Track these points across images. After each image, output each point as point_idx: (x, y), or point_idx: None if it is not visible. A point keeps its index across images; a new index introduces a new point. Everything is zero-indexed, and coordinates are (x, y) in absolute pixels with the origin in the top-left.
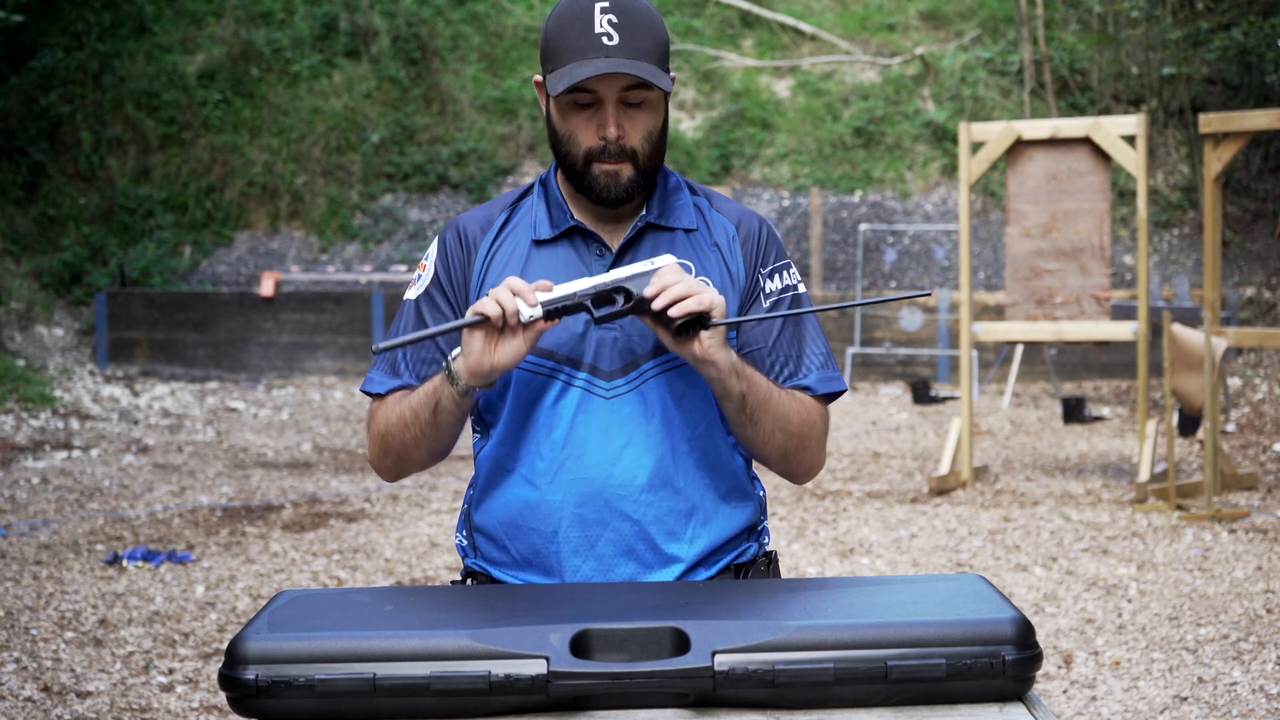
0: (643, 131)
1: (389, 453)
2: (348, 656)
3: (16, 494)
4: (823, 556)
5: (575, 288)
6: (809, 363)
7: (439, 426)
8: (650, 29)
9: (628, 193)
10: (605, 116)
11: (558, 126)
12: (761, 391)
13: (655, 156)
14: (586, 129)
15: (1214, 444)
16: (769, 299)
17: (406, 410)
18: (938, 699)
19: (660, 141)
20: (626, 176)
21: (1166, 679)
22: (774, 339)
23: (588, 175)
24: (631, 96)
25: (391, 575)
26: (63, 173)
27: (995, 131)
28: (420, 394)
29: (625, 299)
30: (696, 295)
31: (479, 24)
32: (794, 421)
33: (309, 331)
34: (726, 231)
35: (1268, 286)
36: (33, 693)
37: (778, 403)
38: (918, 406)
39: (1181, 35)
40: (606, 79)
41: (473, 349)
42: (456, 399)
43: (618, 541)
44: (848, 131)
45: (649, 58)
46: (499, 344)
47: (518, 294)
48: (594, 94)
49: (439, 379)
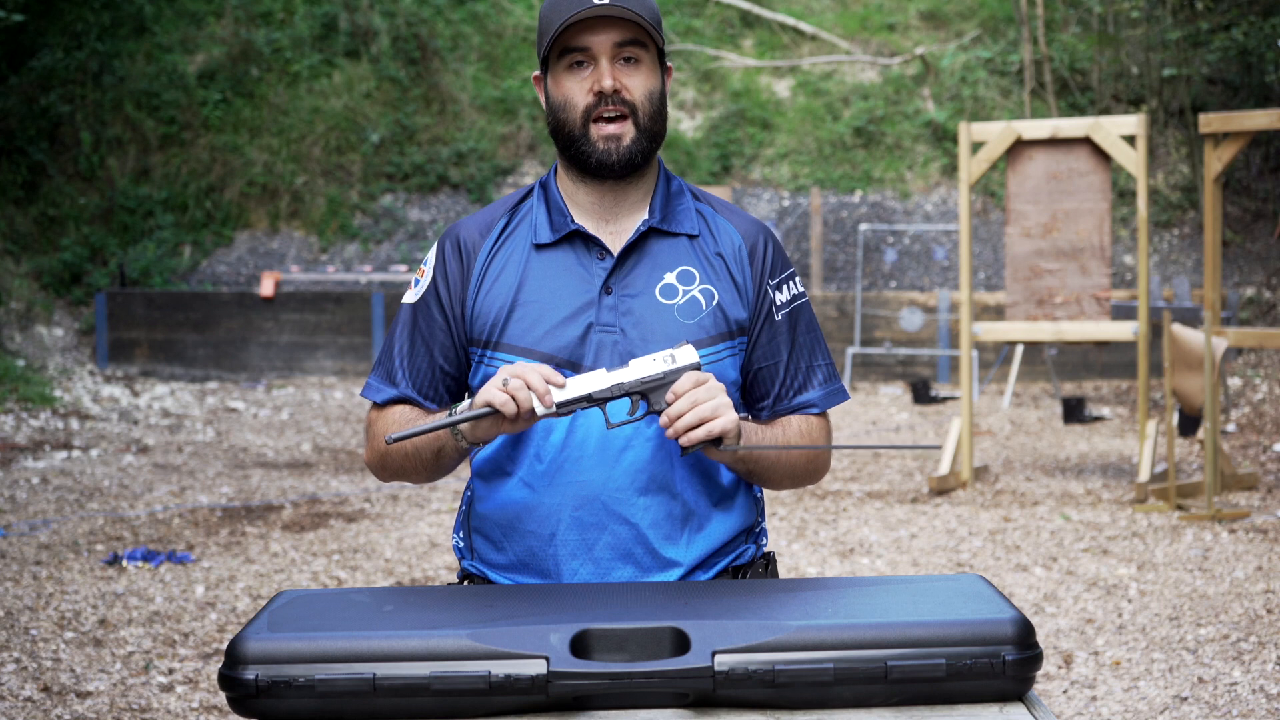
0: (643, 89)
1: (388, 470)
2: (348, 656)
3: (16, 494)
4: (823, 556)
5: (591, 385)
6: (815, 378)
7: (439, 465)
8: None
9: (629, 156)
10: (600, 70)
11: (554, 97)
12: (767, 461)
13: (656, 120)
14: (581, 88)
15: (1214, 444)
16: (780, 311)
17: (408, 445)
18: (938, 699)
19: (661, 106)
20: (629, 138)
21: (1167, 679)
22: (788, 355)
23: (586, 140)
24: (627, 52)
25: (391, 575)
26: (63, 173)
27: (995, 131)
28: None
29: (641, 400)
30: (707, 425)
31: (479, 24)
32: (801, 465)
33: (309, 331)
34: (733, 242)
35: (1268, 286)
36: (33, 693)
37: (785, 461)
38: (918, 406)
39: (1181, 35)
40: (599, 30)
41: (482, 426)
42: (461, 450)
43: (615, 545)
44: (848, 131)
45: (642, 15)
46: (508, 425)
47: (533, 389)
48: (588, 51)
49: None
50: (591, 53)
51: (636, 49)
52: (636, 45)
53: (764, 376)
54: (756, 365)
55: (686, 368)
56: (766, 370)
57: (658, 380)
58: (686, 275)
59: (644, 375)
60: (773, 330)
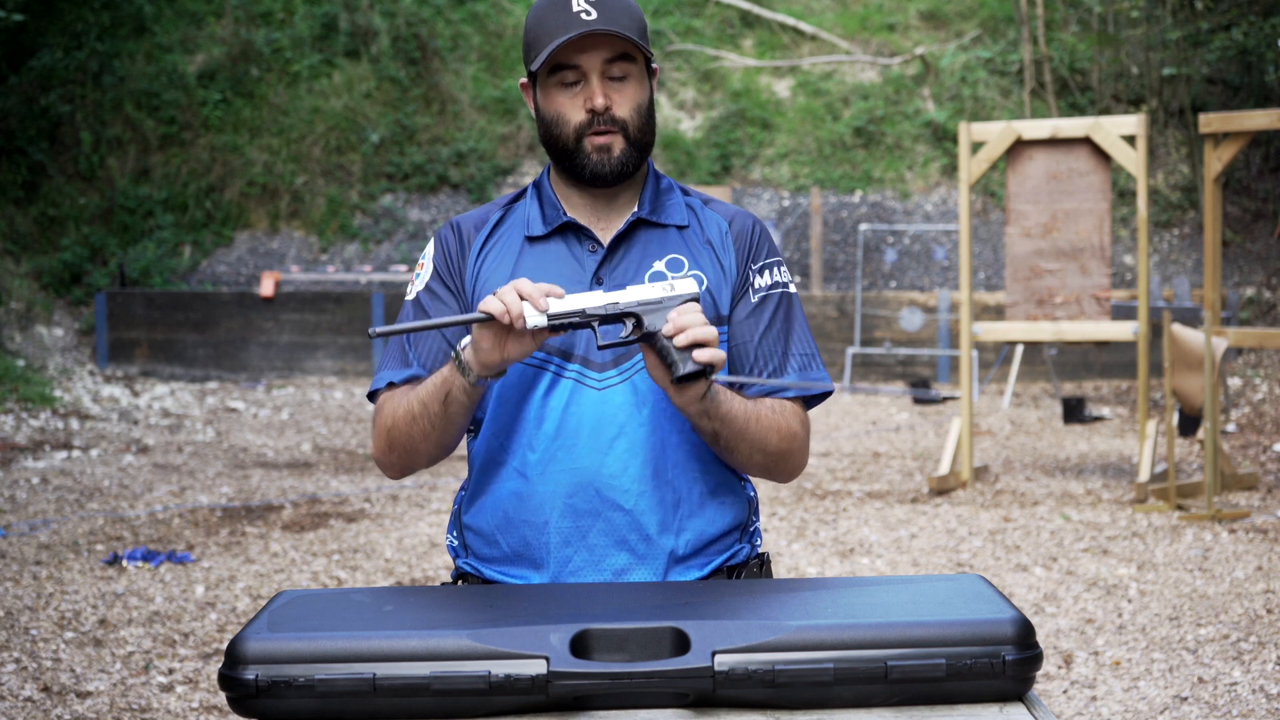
0: (631, 103)
1: (395, 447)
2: (348, 656)
3: (16, 494)
4: (823, 556)
5: (587, 302)
6: (792, 363)
7: (448, 418)
8: (627, 8)
9: (621, 166)
10: (591, 89)
11: (545, 111)
12: (737, 424)
13: (646, 131)
14: (573, 105)
15: (1214, 444)
16: (757, 294)
17: (415, 403)
18: (938, 699)
19: (649, 117)
20: (619, 149)
21: (1166, 679)
22: (759, 336)
23: (579, 154)
24: (616, 69)
25: (391, 575)
26: (63, 173)
27: (995, 131)
28: (429, 386)
29: (636, 324)
30: (711, 350)
31: (479, 24)
32: (773, 442)
33: (309, 331)
34: (720, 228)
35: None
36: (33, 693)
37: (755, 430)
38: (918, 406)
39: (1181, 35)
40: (588, 50)
41: (482, 345)
42: (467, 389)
43: (609, 532)
44: (848, 131)
45: (629, 32)
46: (508, 341)
47: (526, 298)
48: (578, 69)
49: (448, 370)
50: (582, 69)
51: (625, 64)
52: (625, 60)
53: (734, 355)
54: (731, 344)
55: (687, 297)
56: (738, 349)
57: (655, 304)
58: (675, 263)
59: (641, 298)
60: (747, 309)
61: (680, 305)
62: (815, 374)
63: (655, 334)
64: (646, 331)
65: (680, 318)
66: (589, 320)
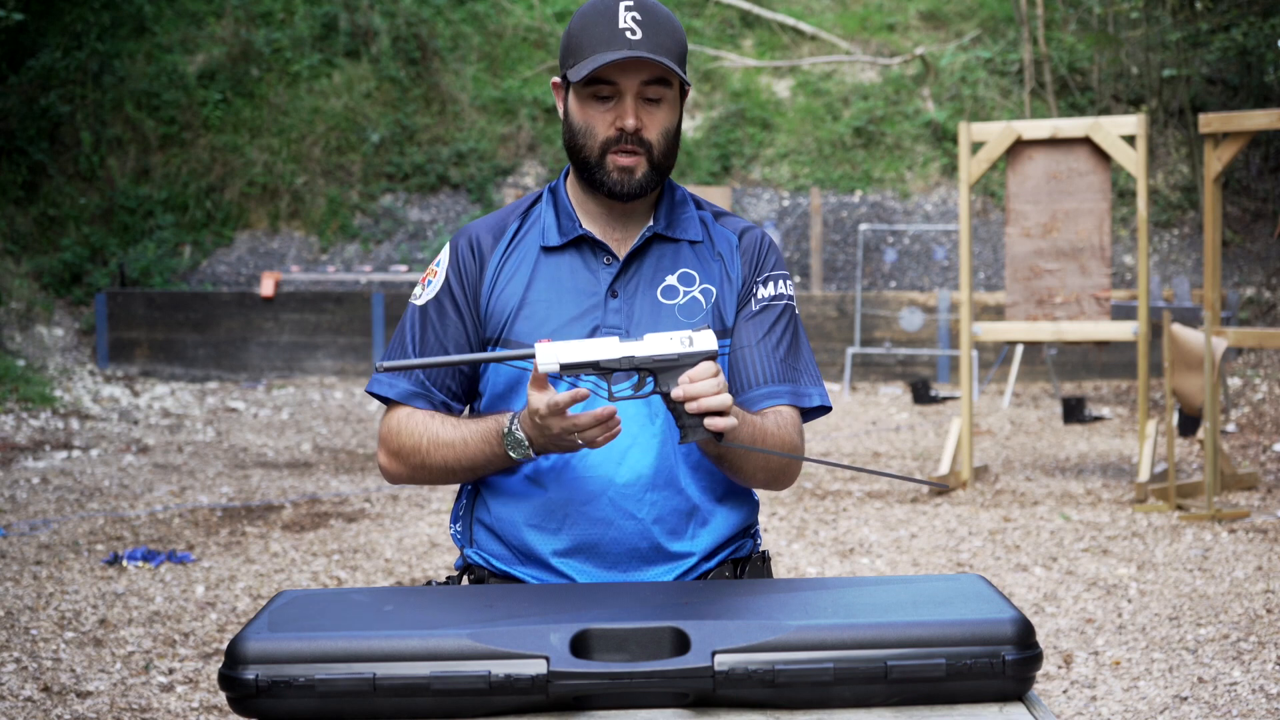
0: (660, 127)
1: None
2: (348, 656)
3: (16, 494)
4: (823, 556)
5: (602, 352)
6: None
7: (477, 475)
8: (672, 31)
9: (640, 189)
10: (624, 108)
11: (575, 119)
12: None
13: (669, 155)
14: (604, 120)
15: (1214, 444)
16: (760, 303)
17: (449, 455)
18: (938, 699)
19: (674, 142)
20: (641, 173)
21: (1166, 679)
22: (758, 340)
23: (601, 168)
24: (651, 92)
25: (391, 575)
26: (63, 173)
27: (995, 131)
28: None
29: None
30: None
31: (479, 24)
32: (776, 464)
33: (309, 331)
34: (730, 242)
35: (1268, 286)
36: (33, 693)
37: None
38: (918, 406)
39: (1181, 36)
40: (629, 71)
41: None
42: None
43: (621, 540)
44: (848, 131)
45: (670, 56)
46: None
47: None
48: (615, 86)
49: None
50: (618, 87)
51: (660, 88)
52: (661, 84)
53: (733, 361)
54: (731, 350)
55: (704, 354)
56: (737, 354)
57: (672, 361)
58: (687, 277)
59: (658, 353)
60: (748, 317)
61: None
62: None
63: (666, 395)
64: (659, 391)
65: (692, 385)
66: (602, 372)
